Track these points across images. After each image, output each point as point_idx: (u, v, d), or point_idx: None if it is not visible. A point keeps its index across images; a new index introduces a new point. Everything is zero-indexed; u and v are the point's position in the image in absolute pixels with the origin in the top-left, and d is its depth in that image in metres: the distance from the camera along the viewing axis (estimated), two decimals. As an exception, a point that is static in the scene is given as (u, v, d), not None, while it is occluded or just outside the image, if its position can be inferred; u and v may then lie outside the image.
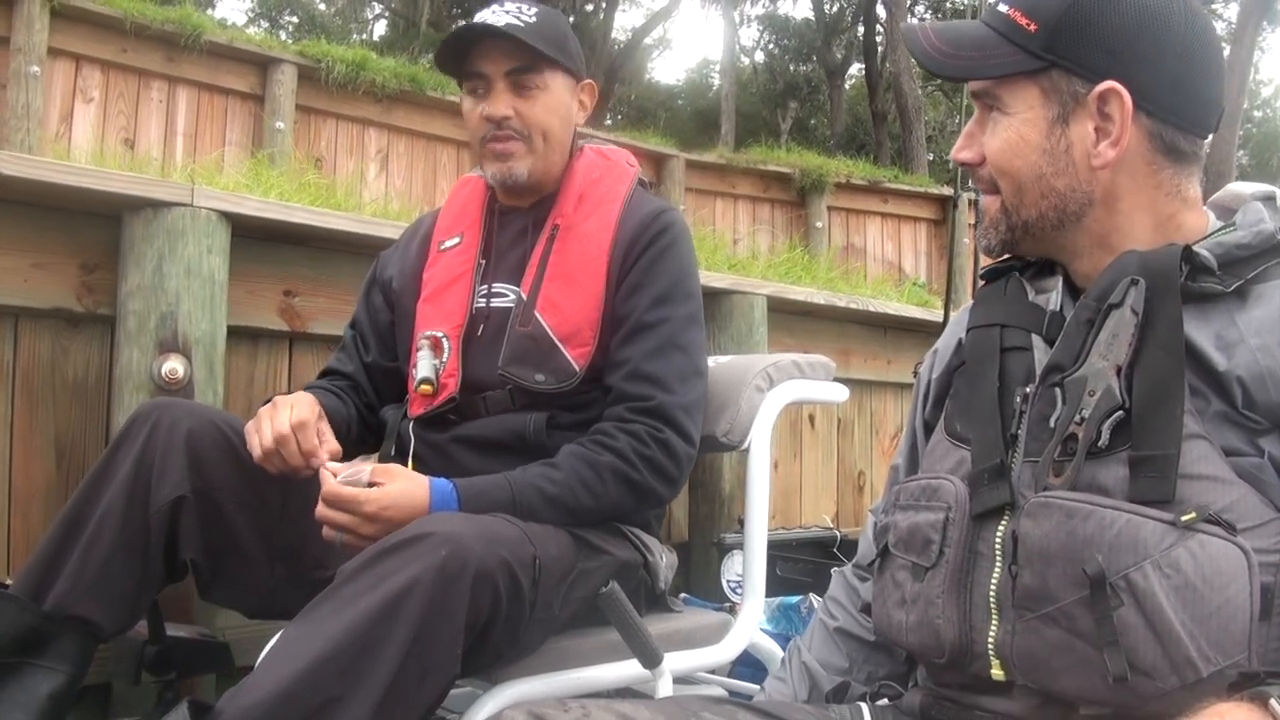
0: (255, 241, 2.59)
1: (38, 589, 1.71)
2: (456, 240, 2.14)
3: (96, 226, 2.39)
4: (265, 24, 25.54)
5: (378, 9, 24.73)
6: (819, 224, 9.11)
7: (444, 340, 2.02)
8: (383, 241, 2.68)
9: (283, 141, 6.76)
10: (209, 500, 1.81)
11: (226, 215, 2.43)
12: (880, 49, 19.26)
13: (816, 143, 20.46)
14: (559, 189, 2.10)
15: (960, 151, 1.33)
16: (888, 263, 9.49)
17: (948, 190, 10.08)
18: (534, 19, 2.01)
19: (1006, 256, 1.38)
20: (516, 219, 2.12)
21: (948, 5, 22.09)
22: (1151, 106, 1.21)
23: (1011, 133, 1.25)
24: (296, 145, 6.94)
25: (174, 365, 2.29)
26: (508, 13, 2.00)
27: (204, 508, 1.81)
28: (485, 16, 2.01)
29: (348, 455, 1.89)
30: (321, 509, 1.73)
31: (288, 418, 1.81)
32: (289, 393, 1.94)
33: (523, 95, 2.03)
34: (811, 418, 4.13)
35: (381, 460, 1.93)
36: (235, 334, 2.57)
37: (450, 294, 2.07)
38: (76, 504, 1.78)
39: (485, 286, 2.06)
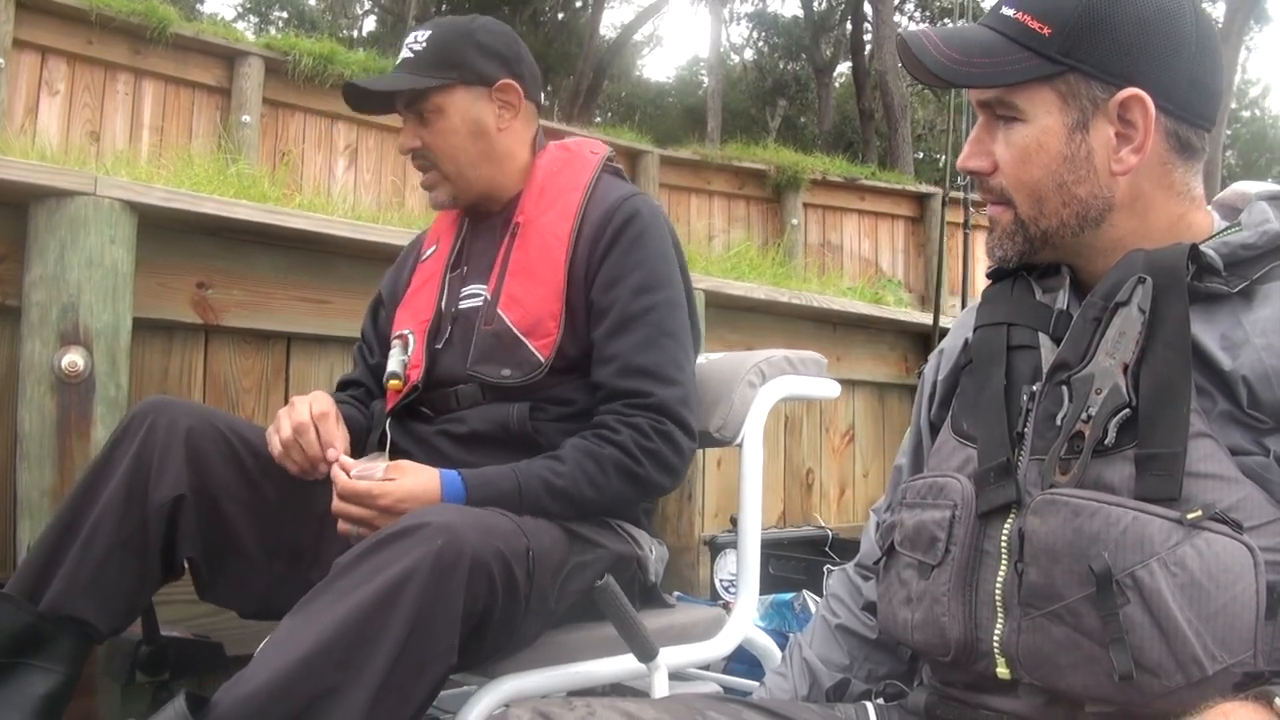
0: (166, 232, 2.54)
1: (33, 589, 1.71)
2: (433, 249, 2.20)
3: (5, 216, 2.35)
4: (255, 19, 25.53)
5: (366, 4, 24.72)
6: (794, 221, 9.08)
7: (409, 336, 2.07)
8: (297, 233, 2.68)
9: (250, 136, 6.71)
10: (208, 499, 1.82)
11: (132, 205, 2.38)
12: (868, 47, 19.24)
13: (805, 140, 20.47)
14: (524, 188, 2.12)
15: (969, 160, 1.30)
16: (864, 260, 9.48)
17: (925, 188, 10.09)
18: (424, 44, 2.06)
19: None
20: (488, 223, 2.15)
21: (936, 4, 22.07)
22: (1170, 106, 1.21)
23: (1030, 140, 1.23)
24: (264, 139, 6.90)
25: (74, 358, 2.26)
26: (407, 45, 2.08)
27: (203, 506, 1.81)
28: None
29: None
30: (337, 504, 1.76)
31: (308, 411, 1.85)
32: (205, 387, 1.94)
33: (424, 124, 2.07)
34: (758, 414, 4.08)
35: (366, 449, 2.00)
36: (145, 327, 2.52)
37: (419, 296, 2.13)
38: (72, 502, 1.78)
39: (458, 290, 2.09)
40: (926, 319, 4.73)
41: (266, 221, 2.62)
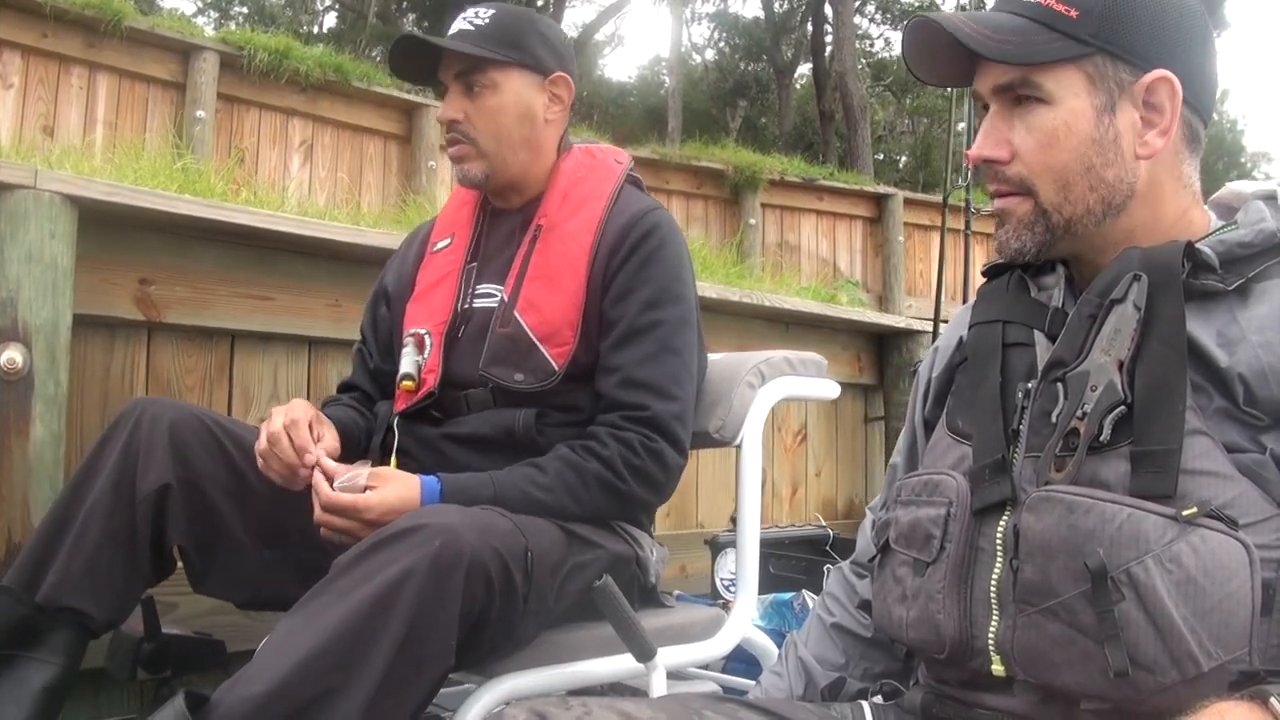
0: (109, 227, 2.49)
1: (29, 583, 1.73)
2: (448, 241, 2.17)
3: (-53, 210, 2.31)
4: (215, 14, 25.31)
5: (327, 1, 24.57)
6: (752, 221, 9.10)
7: (426, 337, 2.05)
8: (241, 228, 2.65)
9: (204, 131, 6.65)
10: (194, 488, 1.84)
11: (73, 199, 2.34)
12: (828, 49, 19.30)
13: (766, 141, 20.48)
14: (546, 189, 2.11)
15: (984, 149, 1.27)
16: (822, 260, 9.51)
17: (883, 189, 10.16)
18: (486, 21, 2.04)
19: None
20: (506, 220, 2.14)
21: (897, 6, 22.19)
22: (1189, 94, 1.22)
23: (1057, 123, 1.22)
24: (218, 135, 6.83)
25: (12, 355, 2.22)
26: (464, 18, 2.05)
27: (189, 495, 1.83)
28: (451, 26, 2.06)
29: (375, 463, 1.93)
30: (320, 514, 1.76)
31: (281, 420, 1.84)
32: (147, 385, 2.16)
33: (472, 97, 2.04)
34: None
35: (368, 452, 2.02)
36: (87, 323, 2.49)
37: (436, 293, 2.10)
38: (64, 500, 1.81)
39: (472, 287, 2.08)
40: (880, 319, 4.75)
41: (210, 217, 2.57)
